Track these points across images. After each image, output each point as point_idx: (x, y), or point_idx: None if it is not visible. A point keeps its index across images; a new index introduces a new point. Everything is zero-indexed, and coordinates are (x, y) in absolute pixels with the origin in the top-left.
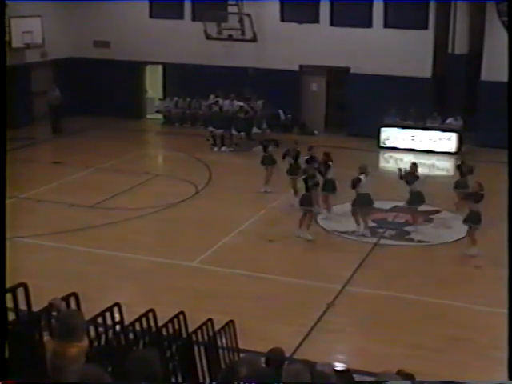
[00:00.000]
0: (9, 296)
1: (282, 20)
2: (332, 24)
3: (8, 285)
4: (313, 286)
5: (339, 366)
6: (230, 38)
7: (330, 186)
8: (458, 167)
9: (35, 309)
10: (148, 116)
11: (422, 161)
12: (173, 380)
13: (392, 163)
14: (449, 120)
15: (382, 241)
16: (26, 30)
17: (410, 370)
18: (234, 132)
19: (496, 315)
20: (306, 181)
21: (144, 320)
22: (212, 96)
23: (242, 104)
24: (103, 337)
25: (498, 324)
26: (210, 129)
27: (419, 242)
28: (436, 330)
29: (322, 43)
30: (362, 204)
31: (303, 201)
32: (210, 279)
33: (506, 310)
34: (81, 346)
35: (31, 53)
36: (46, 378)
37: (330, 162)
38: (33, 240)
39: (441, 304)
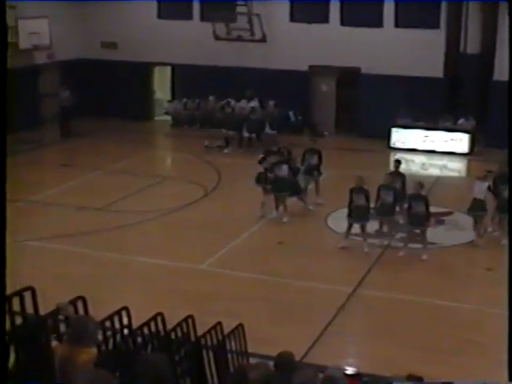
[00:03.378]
0: (16, 300)
1: (292, 20)
2: (342, 24)
3: (15, 288)
4: (323, 289)
5: (350, 370)
6: (239, 38)
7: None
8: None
9: (42, 312)
10: (156, 118)
11: (434, 162)
12: None
13: (403, 164)
14: (461, 120)
15: (393, 243)
16: (33, 31)
17: (421, 373)
18: (245, 133)
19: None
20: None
21: (152, 324)
22: (211, 97)
23: (253, 105)
24: (111, 341)
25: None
26: (223, 130)
27: (430, 243)
28: (448, 332)
29: (332, 43)
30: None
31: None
32: (219, 282)
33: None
34: (91, 352)
35: (39, 54)
36: (52, 382)
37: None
38: (41, 243)
39: (452, 306)
